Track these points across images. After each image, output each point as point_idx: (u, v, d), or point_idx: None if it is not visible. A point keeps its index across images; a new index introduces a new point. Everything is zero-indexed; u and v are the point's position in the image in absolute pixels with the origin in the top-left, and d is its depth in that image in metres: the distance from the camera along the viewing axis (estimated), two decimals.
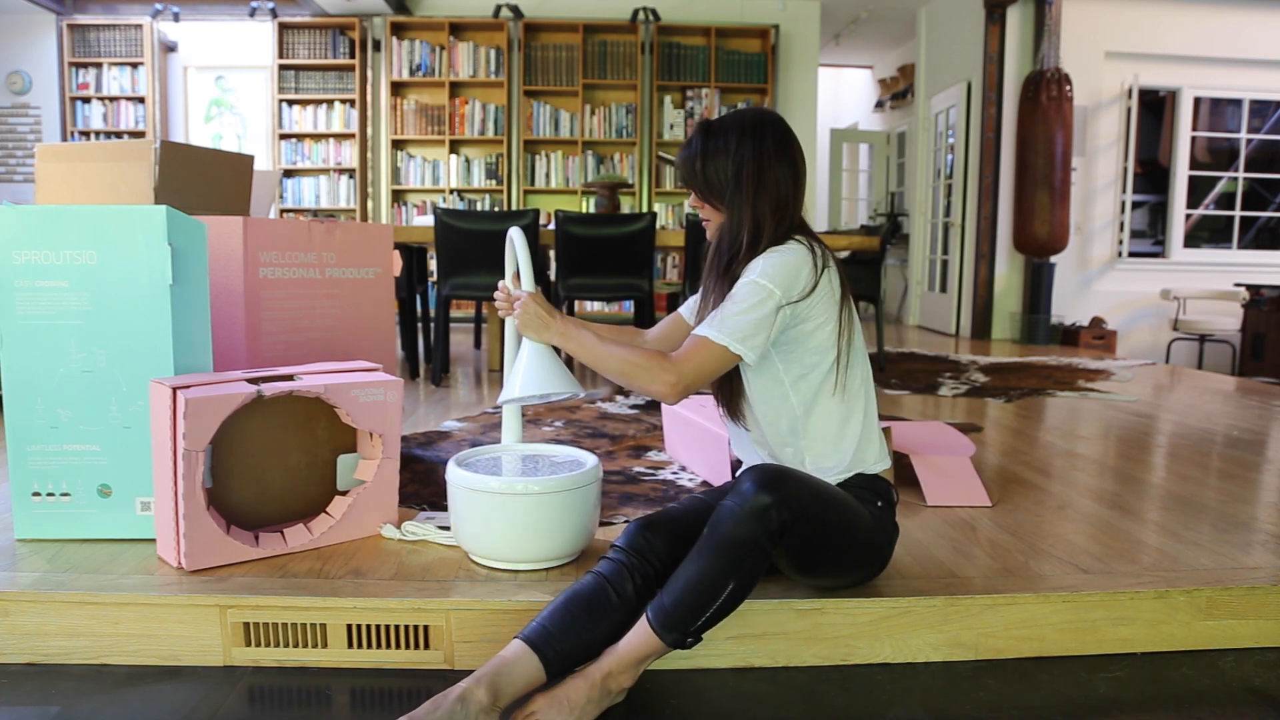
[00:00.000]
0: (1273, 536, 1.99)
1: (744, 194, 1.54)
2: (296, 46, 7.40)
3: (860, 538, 1.51)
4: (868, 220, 9.66)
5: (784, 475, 1.40)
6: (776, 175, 1.55)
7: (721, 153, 1.55)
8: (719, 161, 1.55)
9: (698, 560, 1.35)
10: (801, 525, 1.38)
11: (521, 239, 1.71)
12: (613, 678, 1.35)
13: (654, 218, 4.21)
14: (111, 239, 1.74)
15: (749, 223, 1.54)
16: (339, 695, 1.46)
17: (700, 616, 1.33)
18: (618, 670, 1.36)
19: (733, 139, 1.55)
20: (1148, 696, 1.50)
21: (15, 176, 7.61)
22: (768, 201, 1.54)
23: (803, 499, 1.39)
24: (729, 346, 1.48)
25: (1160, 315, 7.12)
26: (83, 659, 1.54)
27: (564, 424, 3.13)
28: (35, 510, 1.80)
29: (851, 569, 1.55)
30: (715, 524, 1.36)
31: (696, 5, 7.57)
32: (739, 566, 1.34)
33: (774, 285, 1.48)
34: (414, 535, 1.86)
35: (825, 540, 1.45)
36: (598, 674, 1.35)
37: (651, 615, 1.35)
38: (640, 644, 1.36)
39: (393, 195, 7.58)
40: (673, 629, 1.33)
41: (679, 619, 1.33)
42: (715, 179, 1.56)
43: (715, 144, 1.56)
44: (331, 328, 2.36)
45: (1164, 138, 7.25)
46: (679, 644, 1.35)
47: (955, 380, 4.43)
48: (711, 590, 1.33)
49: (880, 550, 1.57)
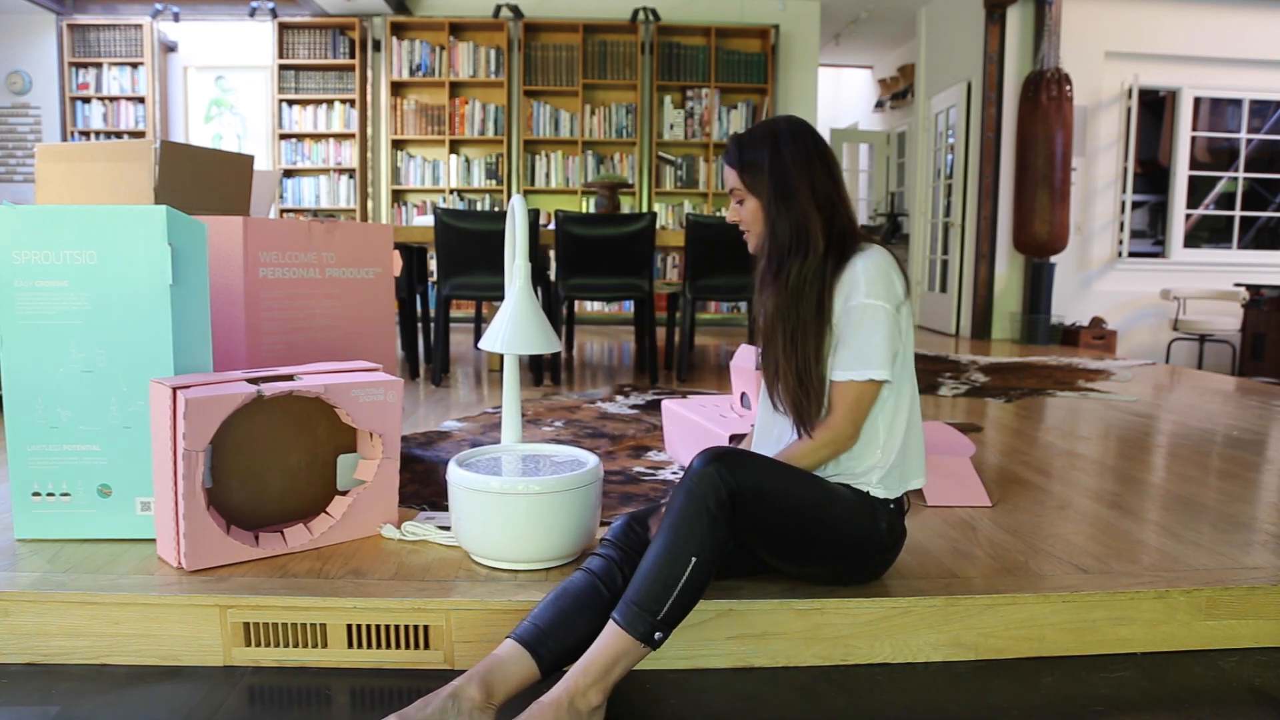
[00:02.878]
0: (1273, 536, 1.99)
1: (784, 199, 1.55)
2: (296, 46, 7.40)
3: (841, 520, 1.50)
4: (868, 220, 9.66)
5: (733, 449, 1.41)
6: (811, 176, 1.55)
7: (756, 165, 1.56)
8: (756, 172, 1.57)
9: (656, 544, 1.34)
10: (758, 497, 1.38)
11: (523, 207, 1.88)
12: (580, 696, 1.27)
13: (654, 218, 4.21)
14: (111, 239, 1.74)
15: (792, 225, 1.55)
16: (339, 695, 1.46)
17: (665, 600, 1.29)
18: (584, 685, 1.27)
19: (766, 149, 1.56)
20: (1148, 696, 1.50)
21: (15, 176, 7.61)
22: (808, 201, 1.55)
23: (754, 467, 1.40)
24: (873, 377, 1.50)
25: (1160, 315, 7.13)
26: (83, 659, 1.54)
27: (564, 424, 3.13)
28: (35, 510, 1.80)
29: (840, 558, 1.54)
30: (669, 505, 1.37)
31: (696, 5, 7.57)
32: (694, 539, 1.32)
33: (882, 300, 1.51)
34: (414, 535, 1.86)
35: (793, 516, 1.44)
36: (563, 695, 1.26)
37: (617, 613, 1.31)
38: (605, 646, 1.29)
39: (393, 195, 7.58)
40: (638, 619, 1.29)
41: (644, 605, 1.29)
42: (756, 189, 1.57)
43: (749, 155, 1.57)
44: (331, 328, 2.36)
45: (1164, 138, 7.25)
46: (647, 638, 1.29)
47: (955, 380, 4.44)
48: (672, 569, 1.31)
49: (879, 542, 1.56)
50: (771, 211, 1.56)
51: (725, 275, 4.29)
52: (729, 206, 1.64)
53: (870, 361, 1.50)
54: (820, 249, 1.54)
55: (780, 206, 1.55)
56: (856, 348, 1.50)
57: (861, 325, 1.51)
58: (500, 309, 1.99)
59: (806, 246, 1.54)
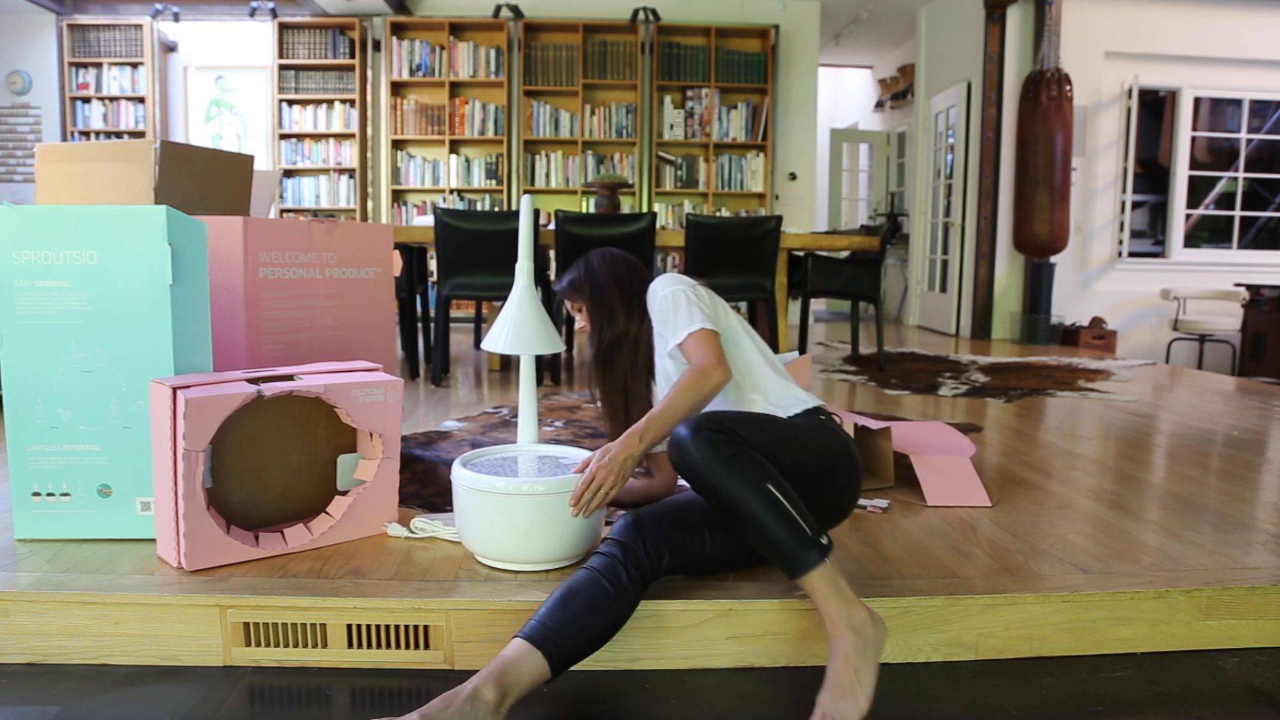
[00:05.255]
0: (1273, 536, 1.99)
1: (595, 304, 1.92)
2: (296, 46, 7.40)
3: (808, 436, 1.65)
4: (868, 220, 9.66)
5: (696, 415, 1.55)
6: (604, 284, 1.91)
7: (576, 293, 1.93)
8: (578, 300, 1.93)
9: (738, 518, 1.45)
10: (744, 430, 1.51)
11: (529, 208, 1.98)
12: (853, 610, 1.40)
13: (654, 218, 4.21)
14: (111, 239, 1.74)
15: (605, 312, 1.90)
16: (339, 695, 1.46)
17: (796, 524, 1.42)
18: (848, 609, 1.40)
19: (583, 285, 1.93)
20: (1148, 696, 1.50)
21: (15, 176, 7.61)
22: (610, 295, 1.91)
23: (719, 415, 1.53)
24: (706, 327, 1.72)
25: (1160, 315, 7.13)
26: (83, 659, 1.54)
27: (564, 424, 3.13)
28: (35, 510, 1.80)
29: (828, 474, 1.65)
30: (704, 491, 1.48)
31: (696, 5, 7.57)
32: (750, 475, 1.43)
33: (677, 285, 1.78)
34: (423, 531, 1.87)
35: (777, 443, 1.56)
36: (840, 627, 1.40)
37: (793, 570, 1.42)
38: (820, 592, 1.41)
39: (393, 195, 7.58)
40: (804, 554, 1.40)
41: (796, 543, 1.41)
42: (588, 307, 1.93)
43: (572, 293, 1.94)
44: (331, 328, 2.36)
45: (1164, 138, 7.25)
46: (825, 551, 1.41)
47: (955, 380, 4.43)
48: (773, 508, 1.42)
49: (845, 448, 1.68)
50: (592, 315, 1.93)
51: (725, 275, 4.29)
52: None
53: (691, 321, 1.71)
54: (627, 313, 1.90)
55: (595, 309, 1.92)
56: (675, 320, 1.74)
57: (670, 307, 1.76)
58: (503, 309, 1.99)
59: (616, 318, 1.90)
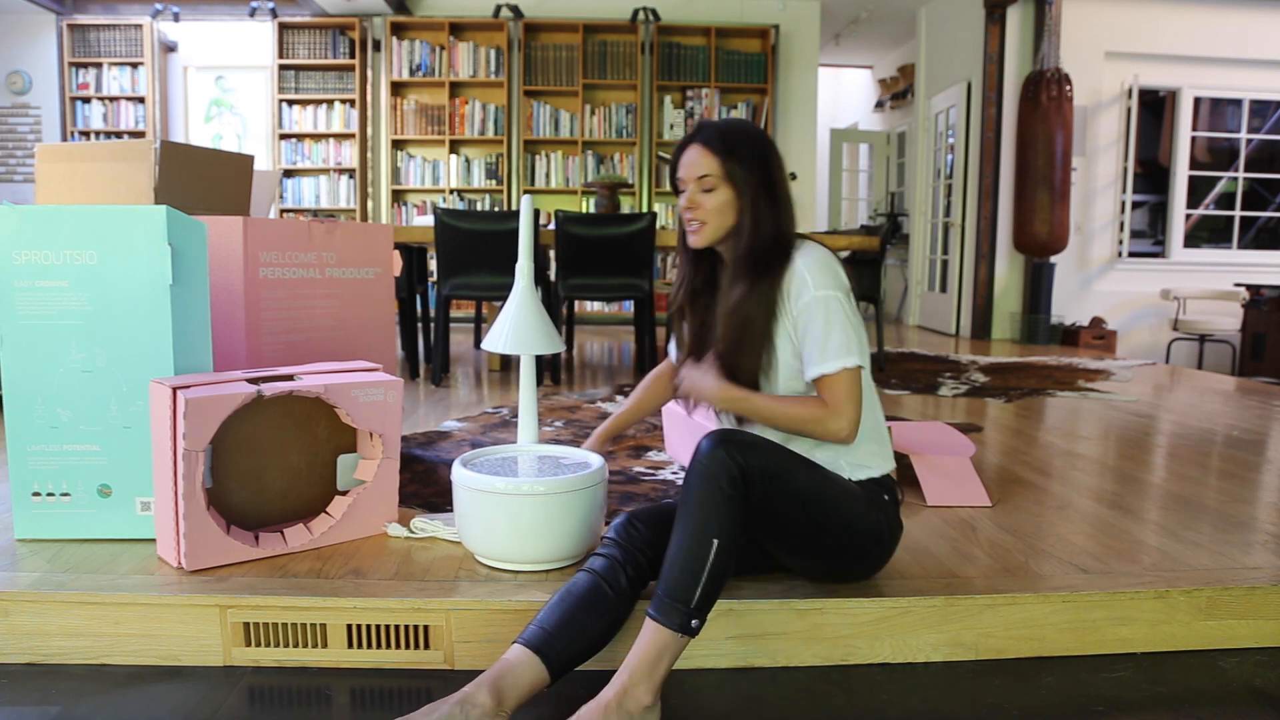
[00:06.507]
0: (1273, 536, 1.99)
1: (772, 201, 1.58)
2: (296, 46, 7.40)
3: (845, 508, 1.50)
4: (868, 220, 9.66)
5: (739, 430, 1.44)
6: (787, 187, 1.61)
7: (747, 159, 1.57)
8: (746, 166, 1.57)
9: (677, 533, 1.36)
10: (767, 477, 1.39)
11: (529, 208, 1.93)
12: (628, 695, 1.28)
13: (654, 218, 4.21)
14: (111, 239, 1.74)
15: (775, 228, 1.58)
16: (339, 695, 1.46)
17: (695, 587, 1.31)
18: (631, 684, 1.28)
19: (755, 150, 1.58)
20: (1148, 696, 1.50)
21: (15, 176, 7.61)
22: (789, 208, 1.60)
23: (761, 448, 1.41)
24: (857, 363, 1.53)
25: (1160, 315, 7.13)
26: (83, 659, 1.54)
27: (564, 424, 3.13)
28: (35, 510, 1.80)
29: (842, 548, 1.53)
30: (683, 493, 1.38)
31: (696, 5, 7.57)
32: (713, 522, 1.33)
33: (834, 290, 1.54)
34: (423, 531, 1.87)
35: (799, 498, 1.44)
36: (613, 696, 1.28)
37: (651, 609, 1.33)
38: (646, 644, 1.31)
39: (393, 195, 7.58)
40: (672, 610, 1.31)
41: (675, 596, 1.31)
42: (737, 182, 1.57)
43: (740, 148, 1.57)
44: (331, 328, 2.36)
45: (1164, 138, 7.25)
46: (684, 628, 1.31)
47: (955, 380, 4.43)
48: (696, 555, 1.32)
49: (877, 535, 1.55)
50: (755, 210, 1.56)
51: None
52: (690, 193, 1.60)
53: (842, 352, 1.52)
54: (789, 258, 1.57)
55: (767, 207, 1.56)
56: (825, 342, 1.52)
57: (824, 319, 1.53)
58: (503, 309, 1.99)
59: (786, 251, 1.57)
